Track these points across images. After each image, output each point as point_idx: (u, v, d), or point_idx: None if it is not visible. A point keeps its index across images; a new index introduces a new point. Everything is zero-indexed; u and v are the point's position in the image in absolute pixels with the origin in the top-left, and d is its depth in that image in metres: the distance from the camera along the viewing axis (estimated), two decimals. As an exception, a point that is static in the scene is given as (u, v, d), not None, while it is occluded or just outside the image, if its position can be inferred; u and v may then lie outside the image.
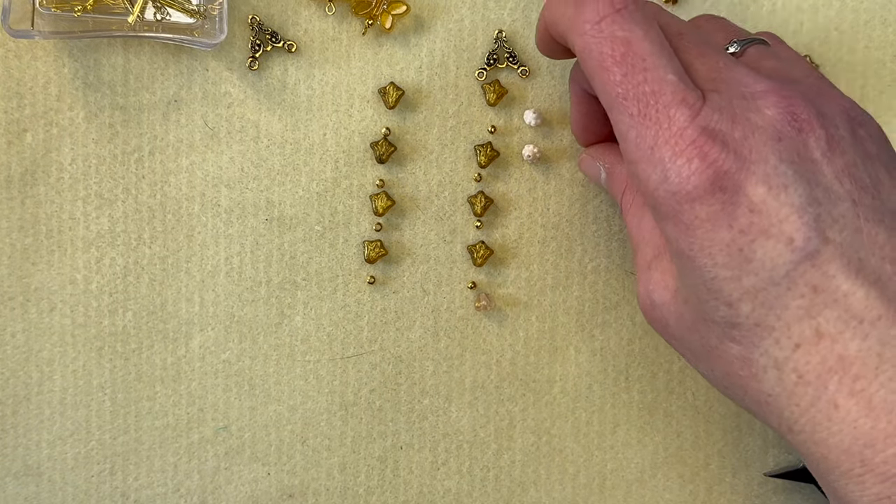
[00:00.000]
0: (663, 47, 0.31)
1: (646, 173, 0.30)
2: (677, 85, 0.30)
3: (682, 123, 0.29)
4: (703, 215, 0.29)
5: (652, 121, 0.30)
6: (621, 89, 0.30)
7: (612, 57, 0.30)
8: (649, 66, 0.30)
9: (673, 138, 0.29)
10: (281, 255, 0.41)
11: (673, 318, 0.32)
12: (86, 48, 0.40)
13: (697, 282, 0.30)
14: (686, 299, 0.31)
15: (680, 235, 0.30)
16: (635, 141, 0.30)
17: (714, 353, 0.31)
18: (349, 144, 0.41)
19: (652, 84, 0.30)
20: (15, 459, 0.41)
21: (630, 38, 0.30)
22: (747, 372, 0.30)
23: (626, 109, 0.30)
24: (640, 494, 0.42)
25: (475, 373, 0.42)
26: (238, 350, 0.41)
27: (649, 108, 0.30)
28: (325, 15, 0.40)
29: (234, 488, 0.42)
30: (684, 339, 0.32)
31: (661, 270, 0.32)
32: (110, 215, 0.40)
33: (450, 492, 0.42)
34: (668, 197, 0.29)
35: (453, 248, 0.41)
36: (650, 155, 0.29)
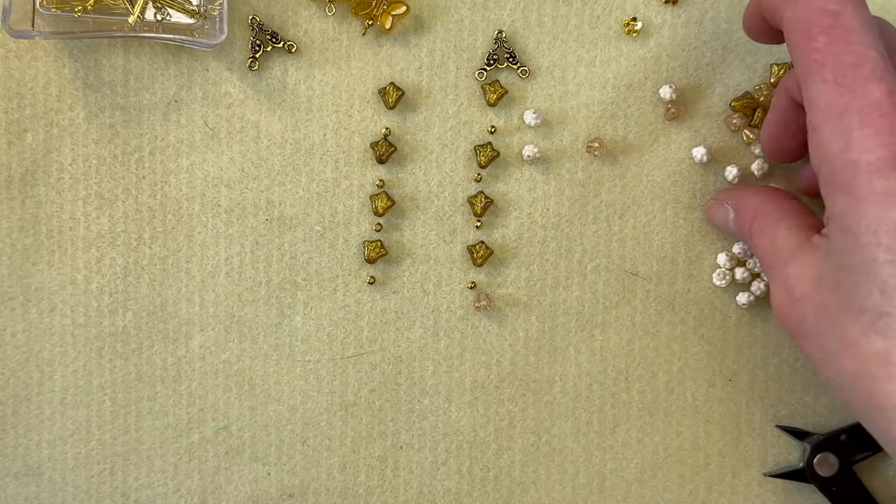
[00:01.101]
0: (872, 27, 0.30)
1: (829, 140, 0.29)
2: (878, 62, 0.29)
3: (877, 96, 0.29)
4: (879, 189, 0.28)
5: (847, 89, 0.29)
6: (820, 56, 0.30)
7: (820, 26, 0.30)
8: (854, 40, 0.30)
9: (865, 108, 0.29)
10: (281, 256, 0.41)
11: (813, 311, 0.31)
12: (86, 48, 0.40)
13: (855, 262, 0.29)
14: (835, 286, 0.30)
15: (849, 208, 0.29)
16: (825, 106, 0.29)
17: (851, 350, 0.29)
18: (349, 144, 0.41)
19: (854, 56, 0.29)
20: (15, 459, 0.41)
21: (840, 11, 0.30)
22: (884, 372, 0.28)
23: (821, 75, 0.30)
24: (639, 494, 0.42)
25: (475, 373, 0.42)
26: (238, 350, 0.41)
27: (846, 77, 0.29)
28: (325, 15, 0.40)
29: (234, 488, 0.42)
30: (820, 335, 0.31)
31: (799, 264, 0.32)
32: (110, 215, 0.40)
33: (450, 492, 0.42)
34: (847, 165, 0.29)
35: (453, 248, 0.41)
36: (837, 121, 0.29)
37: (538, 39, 0.41)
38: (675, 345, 0.42)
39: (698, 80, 0.41)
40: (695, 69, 0.41)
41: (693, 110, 0.41)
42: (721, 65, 0.41)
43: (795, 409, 0.42)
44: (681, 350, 0.42)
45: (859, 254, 0.28)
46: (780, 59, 0.41)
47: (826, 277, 0.30)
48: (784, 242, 0.33)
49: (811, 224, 0.34)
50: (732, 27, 0.41)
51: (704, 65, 0.41)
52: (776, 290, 0.33)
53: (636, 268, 0.41)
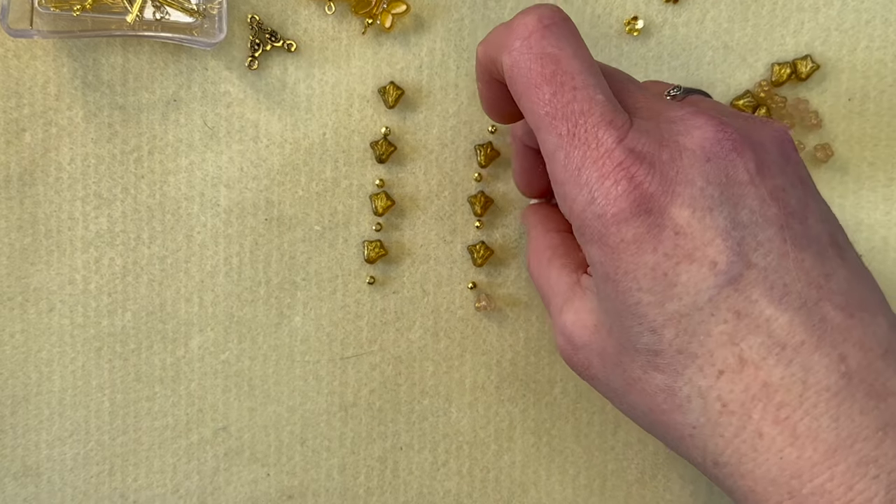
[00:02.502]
0: (592, 67, 0.30)
1: (572, 195, 0.29)
2: (605, 105, 0.29)
3: (609, 145, 0.29)
4: (629, 238, 0.28)
5: (580, 141, 0.29)
6: (550, 108, 0.29)
7: (542, 74, 0.30)
8: (578, 84, 0.29)
9: (600, 160, 0.29)
10: (280, 256, 0.41)
11: (595, 355, 0.31)
12: (85, 47, 0.40)
13: (621, 307, 0.29)
14: (610, 330, 0.30)
15: (605, 258, 0.29)
16: (563, 162, 0.29)
17: (637, 385, 0.30)
18: (349, 144, 0.41)
19: (581, 103, 0.29)
20: (14, 460, 0.41)
21: (559, 56, 0.30)
22: (671, 404, 0.29)
23: (555, 129, 0.29)
24: (640, 495, 0.42)
25: (475, 373, 0.42)
26: (237, 350, 0.41)
27: (578, 127, 0.29)
28: (325, 14, 0.40)
29: (233, 489, 0.42)
30: (607, 377, 0.31)
31: (574, 311, 0.32)
32: (109, 215, 0.40)
33: (450, 493, 0.42)
34: (595, 219, 0.29)
35: (453, 248, 0.41)
36: (577, 176, 0.29)
37: (539, 38, 0.40)
38: (676, 345, 0.42)
39: (699, 79, 0.41)
40: (696, 68, 0.41)
41: (694, 110, 0.41)
42: (722, 64, 0.41)
43: (797, 410, 0.42)
44: (682, 350, 0.42)
45: (623, 299, 0.29)
46: (781, 58, 0.41)
47: (600, 323, 0.31)
48: (556, 285, 0.33)
49: (579, 262, 0.34)
50: (733, 26, 0.40)
51: (705, 64, 0.41)
52: (557, 337, 0.33)
53: (637, 268, 0.41)
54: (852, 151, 0.41)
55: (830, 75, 0.41)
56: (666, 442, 0.31)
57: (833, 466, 0.27)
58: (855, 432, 0.27)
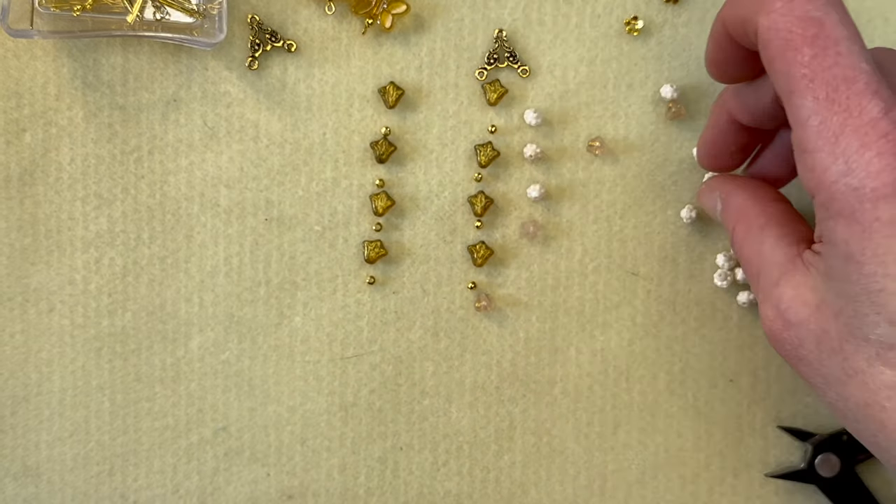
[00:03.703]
0: (858, 36, 0.28)
1: (824, 163, 0.27)
2: (871, 75, 0.27)
3: (875, 114, 0.27)
4: (886, 217, 0.26)
5: (841, 107, 0.27)
6: (808, 70, 0.27)
7: (803, 36, 0.28)
8: (843, 50, 0.27)
9: (863, 128, 0.27)
10: (280, 256, 0.41)
11: (812, 337, 0.29)
12: (85, 48, 0.40)
13: (860, 291, 0.27)
14: (837, 313, 0.28)
15: (853, 236, 0.27)
16: (817, 128, 0.27)
17: (857, 378, 0.28)
18: (349, 144, 0.41)
19: (845, 69, 0.27)
20: (14, 460, 0.41)
21: (824, 20, 0.28)
22: (894, 403, 0.27)
23: (812, 92, 0.27)
24: (640, 495, 0.42)
25: (475, 373, 0.42)
26: (237, 350, 0.41)
27: (839, 93, 0.27)
28: (325, 14, 0.40)
29: (233, 489, 0.42)
30: (821, 361, 0.29)
31: (794, 286, 0.30)
32: (109, 215, 0.40)
33: (450, 493, 0.42)
34: (849, 192, 0.27)
35: (453, 248, 0.41)
36: (833, 144, 0.27)
37: (539, 38, 0.40)
38: (677, 345, 0.42)
39: (699, 79, 0.41)
40: (696, 68, 0.41)
41: (694, 109, 0.41)
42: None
43: (797, 410, 0.42)
44: (682, 350, 0.42)
45: (864, 283, 0.27)
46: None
47: (825, 303, 0.29)
48: (771, 256, 0.31)
49: (800, 235, 0.32)
50: (734, 26, 0.40)
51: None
52: (767, 310, 0.31)
53: (637, 268, 0.41)
54: (852, 151, 0.41)
55: (830, 75, 0.41)
56: (872, 441, 0.29)
57: None
58: None
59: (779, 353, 0.31)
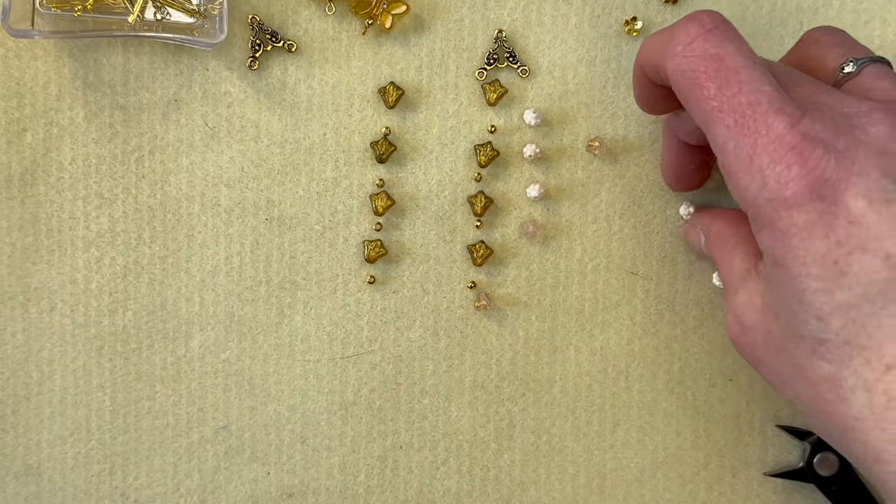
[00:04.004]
0: (756, 62, 0.30)
1: (745, 183, 0.29)
2: (774, 94, 0.29)
3: (781, 130, 0.29)
4: (801, 223, 0.28)
5: (749, 130, 0.29)
6: (716, 102, 0.30)
7: (706, 73, 0.30)
8: (744, 78, 0.30)
9: (772, 145, 0.29)
10: (281, 255, 0.41)
11: (762, 337, 0.31)
12: (86, 48, 0.40)
13: (789, 293, 0.29)
14: (777, 314, 0.30)
15: (775, 243, 0.29)
16: (734, 152, 0.29)
17: (802, 373, 0.29)
18: (349, 144, 0.41)
19: (748, 94, 0.29)
20: (15, 459, 0.41)
21: (722, 54, 0.30)
22: (834, 394, 0.29)
23: (722, 121, 0.30)
24: (639, 494, 0.42)
25: (475, 372, 0.42)
26: (238, 350, 0.41)
27: (746, 117, 0.29)
28: (325, 15, 0.40)
29: (233, 488, 0.42)
30: (773, 360, 0.31)
31: (747, 291, 0.32)
32: (110, 215, 0.40)
33: (450, 491, 0.42)
34: (766, 204, 0.29)
35: (453, 247, 0.41)
36: (749, 164, 0.29)
37: (538, 39, 0.41)
38: (676, 344, 0.42)
39: (698, 79, 0.41)
40: (695, 68, 0.41)
41: (693, 110, 0.41)
42: (721, 64, 0.41)
43: (796, 409, 0.42)
44: (681, 349, 0.42)
45: (791, 285, 0.29)
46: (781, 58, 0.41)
47: (768, 306, 0.31)
48: (736, 270, 0.34)
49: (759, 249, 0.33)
50: (733, 26, 0.40)
51: (705, 64, 0.41)
52: (728, 317, 0.33)
53: (636, 267, 0.41)
54: (851, 151, 0.41)
55: (829, 75, 0.41)
56: (826, 434, 0.30)
57: None
58: None
59: (743, 357, 0.33)
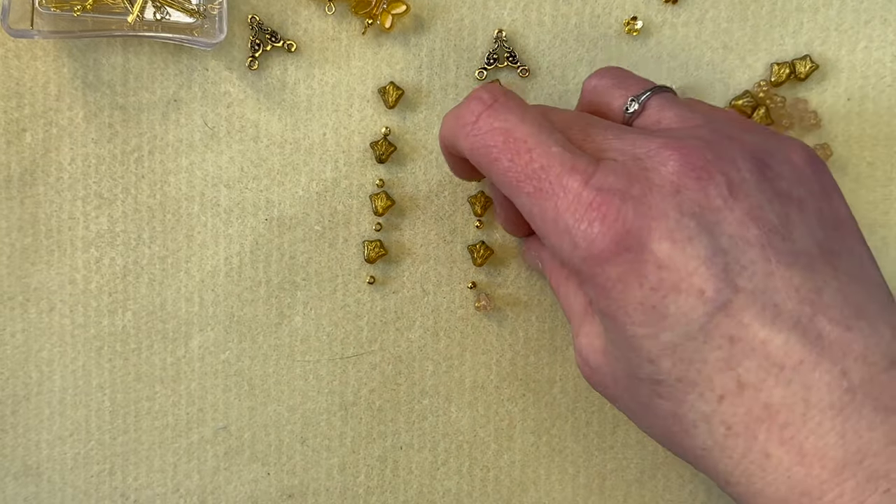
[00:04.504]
0: (542, 126, 0.31)
1: (557, 244, 0.30)
2: (563, 155, 0.30)
3: (576, 189, 0.29)
4: (615, 276, 0.29)
5: (548, 194, 0.30)
6: (512, 174, 0.31)
7: (496, 147, 0.31)
8: (532, 145, 0.31)
9: (571, 205, 0.29)
10: (280, 255, 0.41)
11: (609, 377, 0.32)
12: (85, 48, 0.40)
13: (620, 339, 0.30)
14: (617, 358, 0.31)
15: (598, 297, 0.30)
16: (540, 216, 0.30)
17: (648, 410, 0.31)
18: (349, 144, 0.41)
19: (539, 160, 0.30)
20: (14, 460, 0.41)
21: (507, 126, 0.31)
22: (679, 427, 0.29)
23: (522, 190, 0.30)
24: (639, 495, 0.42)
25: (475, 373, 0.42)
26: (238, 350, 0.41)
27: (542, 182, 0.30)
28: (325, 14, 0.40)
29: (233, 488, 0.42)
30: (623, 398, 0.32)
31: (587, 333, 0.33)
32: (110, 215, 0.40)
33: (450, 492, 0.42)
34: (581, 262, 0.29)
35: (453, 247, 0.41)
36: (555, 226, 0.30)
37: (538, 39, 0.41)
38: (676, 345, 0.42)
39: (698, 79, 0.41)
40: (695, 68, 0.41)
41: (693, 110, 0.41)
42: (721, 64, 0.41)
43: (796, 409, 0.42)
44: (681, 350, 0.42)
45: (620, 332, 0.30)
46: (780, 58, 0.41)
47: (608, 350, 0.31)
48: (574, 305, 0.34)
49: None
50: (732, 26, 0.40)
51: (704, 64, 0.41)
52: (577, 356, 0.34)
53: (636, 267, 0.41)
54: (851, 151, 0.41)
55: (829, 75, 0.41)
56: (686, 460, 0.31)
57: (842, 483, 0.27)
58: (864, 448, 0.27)
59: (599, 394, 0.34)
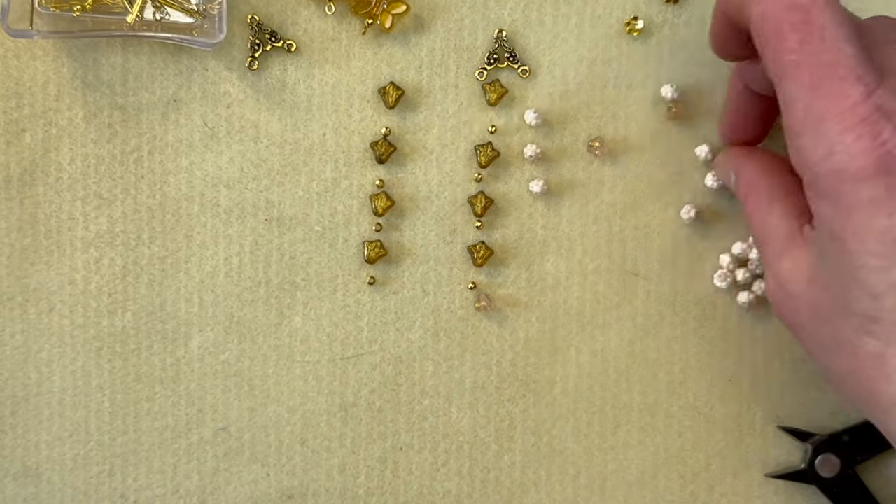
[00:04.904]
0: (844, 22, 0.29)
1: (810, 147, 0.28)
2: (855, 59, 0.28)
3: (856, 99, 0.28)
4: (865, 198, 0.27)
5: (824, 92, 0.28)
6: (795, 56, 0.29)
7: (791, 23, 0.29)
8: (828, 36, 0.28)
9: (844, 113, 0.28)
10: (280, 256, 0.41)
11: (807, 308, 0.31)
12: (85, 48, 0.40)
13: (844, 268, 0.28)
14: (826, 286, 0.30)
15: (836, 216, 0.28)
16: (802, 112, 0.28)
17: (846, 347, 0.29)
18: (349, 144, 0.41)
19: (829, 54, 0.28)
20: (14, 460, 0.41)
21: (810, 7, 0.29)
22: (879, 372, 0.28)
23: (798, 78, 0.29)
24: (640, 495, 0.42)
25: (475, 373, 0.42)
26: (237, 351, 0.41)
27: (823, 79, 0.28)
28: (325, 14, 0.40)
29: (233, 489, 0.42)
30: (816, 331, 0.31)
31: (793, 259, 0.31)
32: (109, 215, 0.40)
33: (450, 493, 0.42)
34: (831, 174, 0.28)
35: (453, 248, 0.41)
36: (817, 128, 0.28)
37: (539, 38, 0.40)
38: (676, 345, 0.42)
39: (699, 79, 0.41)
40: (696, 68, 0.41)
41: (694, 109, 0.41)
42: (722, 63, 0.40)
43: (797, 410, 0.42)
44: (682, 351, 0.42)
45: (849, 259, 0.28)
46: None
47: (817, 277, 0.30)
48: (776, 230, 0.33)
49: (802, 209, 0.33)
50: (734, 26, 0.40)
51: (705, 63, 0.41)
52: (770, 281, 0.33)
53: (637, 268, 0.41)
54: (852, 151, 0.41)
55: (830, 75, 0.41)
56: (864, 408, 0.30)
57: None
58: None
59: (780, 319, 0.33)
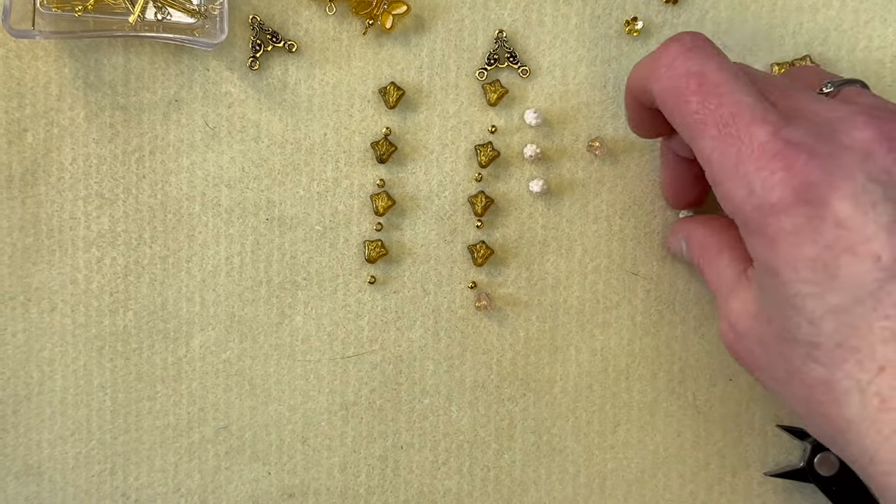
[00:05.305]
0: (738, 76, 0.31)
1: (731, 191, 0.30)
2: (755, 105, 0.30)
3: (763, 138, 0.29)
4: (788, 227, 0.28)
5: (733, 139, 0.30)
6: (699, 115, 0.31)
7: (689, 88, 0.31)
8: (725, 91, 0.30)
9: (755, 152, 0.29)
10: (281, 255, 0.41)
11: (756, 343, 0.31)
12: (86, 48, 0.40)
13: (780, 297, 0.29)
14: (769, 319, 0.30)
15: (765, 249, 0.29)
16: (719, 161, 0.30)
17: (797, 377, 0.30)
18: (350, 144, 0.41)
19: (729, 106, 0.30)
20: (15, 459, 0.41)
21: (703, 70, 0.31)
22: (828, 396, 0.29)
23: (707, 132, 0.30)
24: (640, 494, 0.42)
25: (476, 372, 0.42)
26: (239, 350, 0.41)
27: (729, 127, 0.30)
28: (326, 15, 0.40)
29: (234, 488, 0.42)
30: (770, 366, 0.31)
31: (740, 299, 0.32)
32: (111, 215, 0.40)
33: (450, 491, 0.42)
34: (754, 211, 0.29)
35: (454, 247, 0.41)
36: (734, 172, 0.30)
37: (539, 39, 0.41)
38: (676, 344, 0.42)
39: (699, 79, 0.41)
40: (695, 69, 0.41)
41: (694, 110, 0.41)
42: (722, 64, 0.41)
43: (796, 409, 0.42)
44: (681, 350, 0.42)
45: (783, 290, 0.29)
46: (781, 58, 0.41)
47: (761, 312, 0.31)
48: (724, 276, 0.34)
49: (745, 255, 0.34)
50: (732, 27, 0.41)
51: (705, 64, 0.41)
52: (722, 324, 0.34)
53: (637, 267, 0.41)
54: (851, 151, 0.41)
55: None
56: (822, 436, 0.30)
57: None
58: None
59: (737, 361, 0.34)
